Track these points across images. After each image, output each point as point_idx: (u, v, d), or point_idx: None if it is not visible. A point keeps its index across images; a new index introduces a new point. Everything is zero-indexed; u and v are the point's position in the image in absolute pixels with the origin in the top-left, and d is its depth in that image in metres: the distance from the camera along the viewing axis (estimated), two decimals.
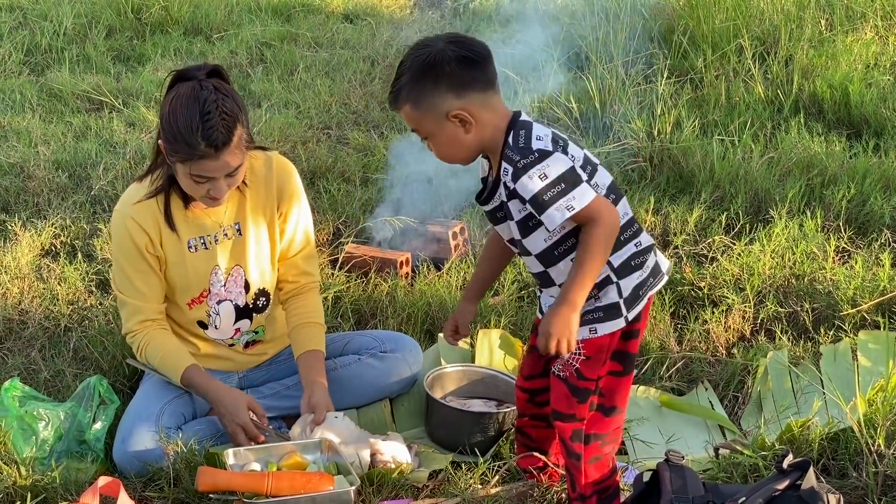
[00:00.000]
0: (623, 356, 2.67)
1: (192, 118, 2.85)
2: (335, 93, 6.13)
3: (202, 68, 2.96)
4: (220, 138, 2.87)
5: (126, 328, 3.21)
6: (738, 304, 3.91)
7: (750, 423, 3.41)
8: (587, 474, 2.72)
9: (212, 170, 2.92)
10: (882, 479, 2.89)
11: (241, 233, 3.21)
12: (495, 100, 2.57)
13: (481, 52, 2.55)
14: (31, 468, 2.97)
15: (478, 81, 2.53)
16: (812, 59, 5.97)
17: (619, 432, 2.76)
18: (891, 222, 4.53)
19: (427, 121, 2.56)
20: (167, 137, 2.92)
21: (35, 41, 6.91)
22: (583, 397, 2.67)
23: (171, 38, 7.09)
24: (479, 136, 2.56)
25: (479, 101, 2.53)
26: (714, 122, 5.45)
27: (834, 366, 3.57)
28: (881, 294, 3.90)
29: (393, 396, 3.47)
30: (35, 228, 4.48)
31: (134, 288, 3.15)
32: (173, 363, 3.16)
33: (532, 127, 2.54)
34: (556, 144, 2.51)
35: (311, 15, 7.62)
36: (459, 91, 2.51)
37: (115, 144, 5.39)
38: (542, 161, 2.46)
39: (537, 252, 2.61)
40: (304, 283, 3.34)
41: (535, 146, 2.49)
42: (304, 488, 2.83)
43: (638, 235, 2.64)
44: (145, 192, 3.09)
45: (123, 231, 3.09)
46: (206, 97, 2.87)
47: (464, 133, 2.55)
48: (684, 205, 4.66)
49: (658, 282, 2.69)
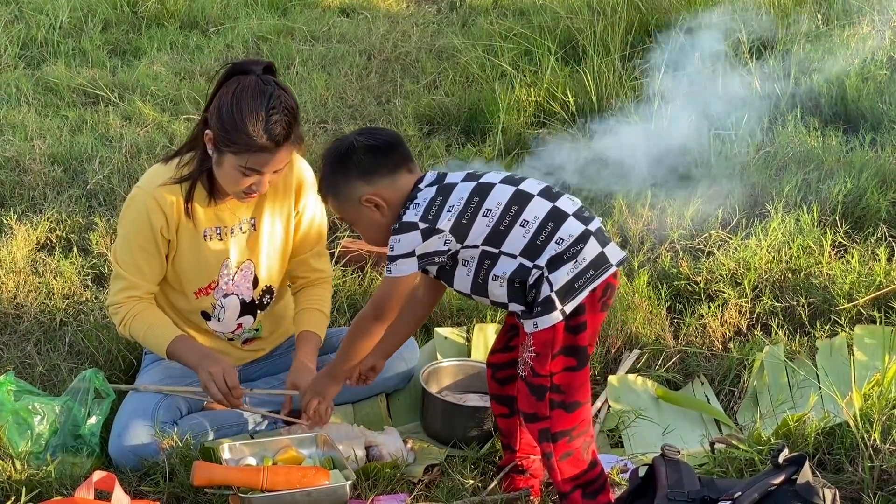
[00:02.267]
0: (574, 350, 2.68)
1: (257, 111, 2.88)
2: (331, 87, 6.12)
3: (258, 63, 2.99)
4: (282, 134, 2.91)
5: (112, 300, 3.18)
6: (734, 299, 3.91)
7: (746, 417, 3.41)
8: (562, 471, 2.75)
9: (265, 164, 2.94)
10: (878, 474, 2.89)
11: (255, 227, 3.22)
12: (404, 180, 2.77)
13: (388, 140, 2.80)
14: (26, 463, 2.97)
15: (383, 167, 2.75)
16: (809, 53, 5.96)
17: (585, 425, 2.76)
18: (887, 217, 4.53)
19: (347, 209, 2.81)
20: (224, 127, 2.92)
21: (31, 35, 6.88)
22: (540, 394, 2.70)
23: (168, 31, 7.07)
24: (394, 216, 2.75)
25: (387, 184, 2.75)
26: (711, 116, 5.44)
27: (830, 360, 3.57)
28: (877, 289, 3.90)
29: (389, 391, 3.47)
30: (31, 222, 4.47)
31: (135, 264, 3.13)
32: (161, 333, 3.14)
33: (416, 197, 2.72)
34: (426, 214, 2.67)
35: (308, 9, 7.60)
36: (367, 177, 2.75)
37: (111, 138, 5.38)
38: (398, 234, 2.70)
39: (470, 288, 2.75)
40: (315, 278, 3.37)
41: (403, 217, 2.71)
42: (299, 483, 2.83)
43: (557, 232, 2.65)
44: (171, 176, 3.08)
45: (142, 209, 3.08)
46: (271, 92, 2.91)
47: (380, 217, 2.77)
48: (681, 199, 4.66)
49: (601, 273, 2.66)
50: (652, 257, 4.27)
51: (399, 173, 2.77)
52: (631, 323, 3.74)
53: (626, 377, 3.53)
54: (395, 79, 6.25)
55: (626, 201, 4.55)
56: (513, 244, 2.66)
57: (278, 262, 3.30)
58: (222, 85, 2.98)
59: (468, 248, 2.69)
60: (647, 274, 4.00)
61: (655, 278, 4.07)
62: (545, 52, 5.94)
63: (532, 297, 2.65)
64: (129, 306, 3.15)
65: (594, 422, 3.33)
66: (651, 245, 4.33)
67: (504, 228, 2.66)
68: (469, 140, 5.49)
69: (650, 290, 3.94)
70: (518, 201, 2.69)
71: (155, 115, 5.67)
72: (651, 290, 3.94)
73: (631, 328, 3.73)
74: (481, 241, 2.67)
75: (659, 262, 4.22)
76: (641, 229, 4.43)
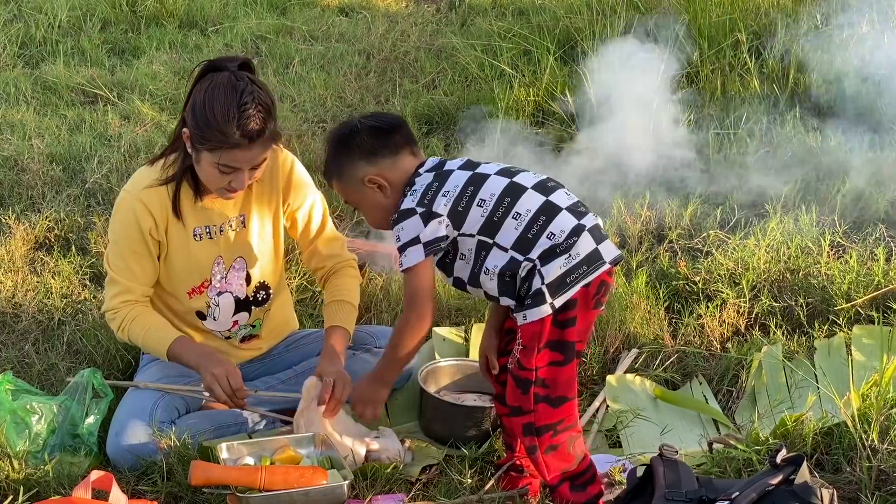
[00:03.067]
0: (561, 345, 2.68)
1: (229, 107, 2.88)
2: (330, 86, 6.12)
3: (233, 60, 3.01)
4: (255, 129, 2.90)
5: (108, 305, 3.18)
6: (732, 299, 3.91)
7: (744, 417, 3.41)
8: (548, 465, 2.76)
9: (240, 160, 2.94)
10: (876, 474, 2.89)
11: (244, 224, 3.22)
12: (407, 161, 2.83)
13: (391, 122, 2.88)
14: (23, 462, 2.97)
15: (386, 147, 2.81)
16: (808, 53, 5.96)
17: (572, 419, 2.77)
18: (886, 217, 4.53)
19: (350, 190, 2.86)
20: (199, 125, 2.93)
21: (29, 34, 6.88)
22: (525, 388, 2.71)
23: (167, 31, 7.07)
24: (396, 199, 2.79)
25: (389, 165, 2.81)
26: (709, 116, 5.44)
27: (828, 360, 3.57)
28: (876, 289, 3.90)
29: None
30: (29, 221, 4.47)
31: (127, 268, 3.14)
32: (160, 336, 3.13)
33: (415, 183, 2.77)
34: (422, 199, 2.71)
35: (307, 8, 7.60)
36: (370, 158, 2.81)
37: (110, 137, 5.38)
38: (399, 222, 2.73)
39: (468, 279, 2.78)
40: (332, 265, 3.37)
41: (401, 205, 2.75)
42: (297, 482, 2.82)
43: (548, 226, 2.67)
44: (156, 178, 3.09)
45: (130, 212, 3.09)
46: (243, 88, 2.91)
47: (383, 198, 2.82)
48: (679, 199, 4.65)
49: (594, 270, 2.66)
50: (650, 257, 4.27)
51: (401, 154, 2.83)
52: (629, 323, 3.73)
53: (624, 377, 3.53)
54: (394, 78, 6.25)
55: (624, 201, 4.55)
56: (505, 236, 2.68)
57: (270, 258, 3.30)
58: (197, 83, 2.98)
59: (465, 238, 2.72)
60: (646, 273, 4.00)
61: (654, 278, 4.07)
62: (544, 52, 5.94)
63: (524, 290, 2.66)
64: (125, 311, 3.15)
65: (592, 421, 3.33)
66: (649, 245, 4.33)
67: (497, 220, 2.69)
68: (468, 140, 5.48)
69: (648, 289, 3.94)
70: (511, 193, 2.72)
71: (154, 115, 5.67)
72: (649, 290, 3.94)
73: (629, 328, 3.73)
74: (477, 231, 2.70)
75: (657, 261, 4.22)
76: (640, 229, 4.42)
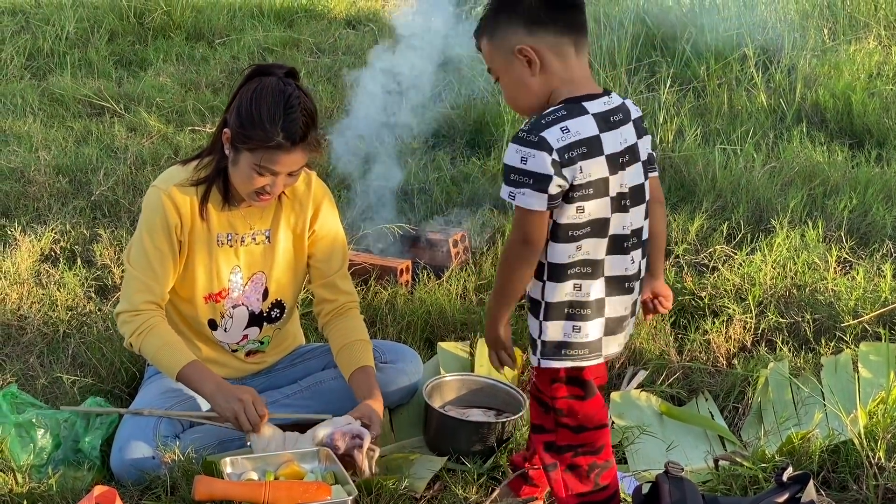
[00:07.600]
0: (580, 382, 2.59)
1: (276, 108, 2.92)
2: (336, 99, 6.13)
3: (281, 67, 3.05)
4: (299, 133, 2.94)
5: (130, 303, 3.10)
6: (738, 315, 3.90)
7: (750, 434, 3.40)
8: (566, 484, 2.65)
9: (280, 163, 2.97)
10: (882, 493, 2.88)
11: (270, 240, 3.23)
12: (570, 52, 2.46)
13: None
14: (27, 476, 2.96)
15: (554, 23, 2.44)
16: (815, 68, 5.96)
17: (596, 446, 2.65)
18: (893, 233, 4.52)
19: (498, 55, 2.50)
20: (243, 123, 2.95)
21: (37, 45, 6.91)
22: (545, 408, 2.65)
23: (174, 42, 7.10)
24: (545, 82, 2.46)
25: (550, 43, 2.44)
26: (716, 130, 5.44)
27: (835, 377, 3.56)
28: (883, 305, 3.89)
29: (392, 406, 3.46)
30: (35, 233, 4.48)
31: (148, 264, 3.11)
32: (174, 355, 3.09)
33: (571, 118, 2.39)
34: (566, 151, 2.37)
35: (314, 21, 7.63)
36: (531, 27, 2.44)
37: (117, 149, 5.39)
38: (532, 148, 2.36)
39: None
40: (344, 301, 3.35)
41: (543, 133, 2.37)
42: (301, 498, 2.81)
43: (585, 278, 2.48)
44: (188, 177, 3.10)
45: (158, 206, 3.09)
46: (290, 92, 2.96)
47: (529, 75, 2.46)
48: (686, 214, 4.65)
49: (587, 359, 2.53)
50: None
51: (566, 39, 2.45)
52: (635, 338, 3.73)
53: (629, 393, 3.52)
54: None
55: None
56: (561, 249, 2.45)
57: (290, 277, 3.30)
58: (244, 85, 3.02)
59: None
60: None
61: None
62: None
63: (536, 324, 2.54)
64: (146, 316, 3.10)
65: None
66: None
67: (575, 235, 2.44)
68: (474, 153, 5.49)
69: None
70: (600, 230, 2.48)
71: (160, 127, 5.68)
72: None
73: (635, 343, 3.72)
74: None
75: (663, 276, 4.20)
76: None
